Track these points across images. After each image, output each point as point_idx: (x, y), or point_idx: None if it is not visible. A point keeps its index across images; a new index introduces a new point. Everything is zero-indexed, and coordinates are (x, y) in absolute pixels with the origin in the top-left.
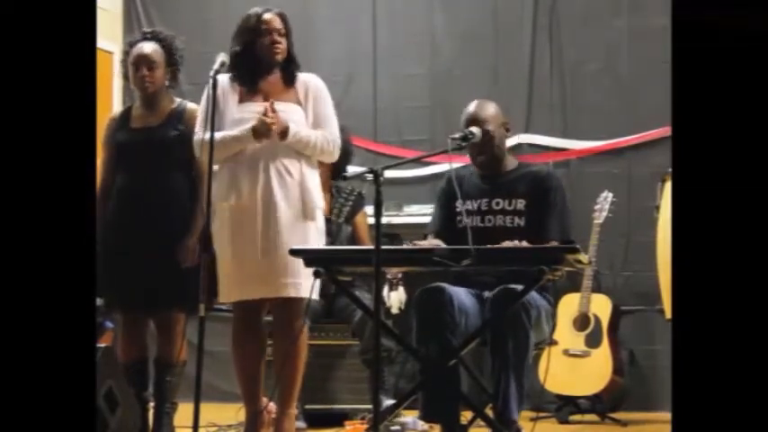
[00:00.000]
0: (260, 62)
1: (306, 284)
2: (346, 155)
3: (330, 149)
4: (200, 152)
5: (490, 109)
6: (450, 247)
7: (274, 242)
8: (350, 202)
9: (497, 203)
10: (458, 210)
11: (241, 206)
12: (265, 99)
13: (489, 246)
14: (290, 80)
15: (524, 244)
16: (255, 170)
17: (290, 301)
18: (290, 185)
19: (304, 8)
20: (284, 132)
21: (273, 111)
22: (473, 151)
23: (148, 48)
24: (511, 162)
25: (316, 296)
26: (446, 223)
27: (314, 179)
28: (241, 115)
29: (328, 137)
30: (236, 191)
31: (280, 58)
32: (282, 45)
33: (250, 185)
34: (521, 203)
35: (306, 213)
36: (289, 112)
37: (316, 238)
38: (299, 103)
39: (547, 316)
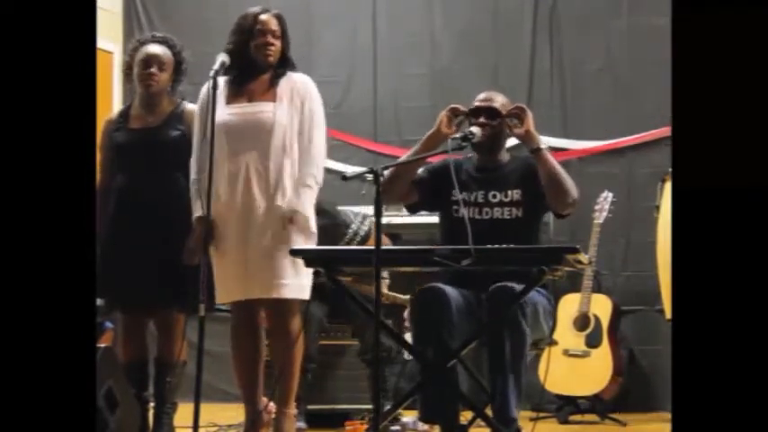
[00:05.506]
0: (252, 63)
1: (292, 285)
2: None
3: (317, 183)
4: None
5: (503, 98)
6: (450, 247)
7: (254, 245)
8: (365, 227)
9: (494, 196)
10: (454, 198)
11: (221, 209)
12: (249, 100)
13: (489, 246)
14: (276, 81)
15: None
16: (237, 173)
17: (283, 302)
18: (270, 188)
19: (304, 8)
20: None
21: None
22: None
23: (160, 49)
24: (504, 156)
25: (306, 296)
26: (438, 198)
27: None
28: (225, 117)
29: (310, 179)
30: (217, 193)
31: (272, 60)
32: (276, 47)
33: (230, 188)
34: (516, 194)
35: (285, 217)
36: (265, 112)
37: (299, 240)
38: (278, 100)
39: (545, 313)
